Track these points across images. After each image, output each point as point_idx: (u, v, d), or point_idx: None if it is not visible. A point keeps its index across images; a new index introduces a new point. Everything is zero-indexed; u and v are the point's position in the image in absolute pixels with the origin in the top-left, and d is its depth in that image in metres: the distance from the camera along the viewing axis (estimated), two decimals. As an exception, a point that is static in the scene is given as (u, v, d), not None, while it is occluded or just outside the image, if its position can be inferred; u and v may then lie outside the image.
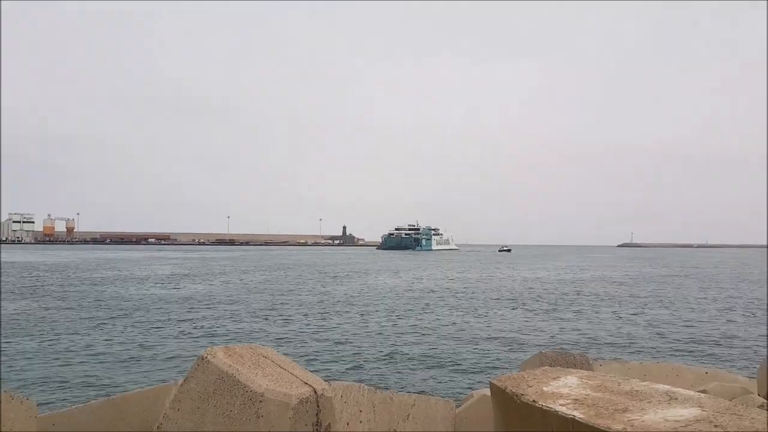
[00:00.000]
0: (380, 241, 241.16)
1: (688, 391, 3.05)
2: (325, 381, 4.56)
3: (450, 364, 17.89)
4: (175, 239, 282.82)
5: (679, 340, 22.72)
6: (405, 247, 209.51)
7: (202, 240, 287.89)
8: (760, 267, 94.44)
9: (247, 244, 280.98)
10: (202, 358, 3.95)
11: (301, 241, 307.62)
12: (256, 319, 27.38)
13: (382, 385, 14.27)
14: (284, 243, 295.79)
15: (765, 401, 5.09)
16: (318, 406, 3.85)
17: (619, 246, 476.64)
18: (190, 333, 23.34)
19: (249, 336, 22.72)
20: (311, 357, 18.70)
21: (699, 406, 2.73)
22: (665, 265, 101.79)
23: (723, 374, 8.23)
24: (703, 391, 6.20)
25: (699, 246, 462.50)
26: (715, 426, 2.44)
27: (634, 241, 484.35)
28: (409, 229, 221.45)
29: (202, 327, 24.96)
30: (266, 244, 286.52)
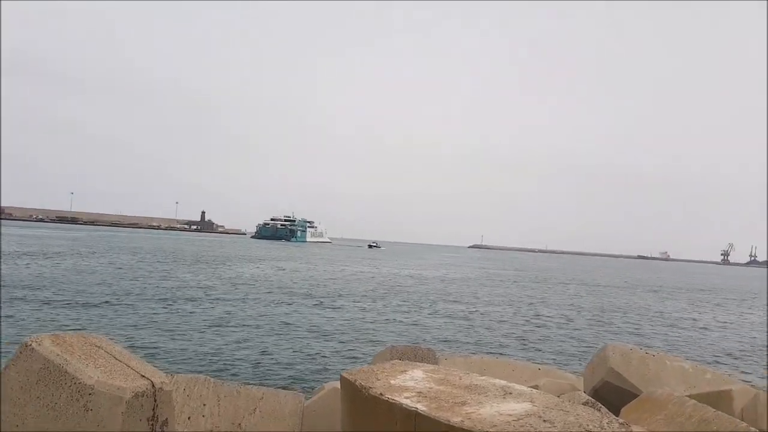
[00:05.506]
0: (242, 229, 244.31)
1: (522, 386, 3.26)
2: (167, 374, 4.33)
3: (307, 357, 17.85)
4: (10, 213, 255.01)
5: (520, 337, 24.48)
6: (280, 238, 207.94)
7: (40, 216, 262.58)
8: (603, 274, 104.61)
9: (92, 223, 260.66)
10: (26, 346, 3.69)
11: (154, 224, 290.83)
12: (95, 307, 25.39)
13: (233, 379, 13.91)
14: (134, 225, 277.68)
15: (590, 398, 5.57)
16: (155, 400, 3.64)
17: (470, 247, 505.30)
18: (16, 319, 21.18)
19: (85, 325, 21.06)
20: (155, 349, 17.72)
21: (530, 401, 2.92)
22: (515, 267, 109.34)
23: (554, 371, 8.99)
24: (536, 387, 6.70)
25: (540, 251, 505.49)
26: (544, 421, 2.62)
27: (483, 243, 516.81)
28: (285, 221, 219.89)
29: (30, 313, 22.71)
30: (114, 224, 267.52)
